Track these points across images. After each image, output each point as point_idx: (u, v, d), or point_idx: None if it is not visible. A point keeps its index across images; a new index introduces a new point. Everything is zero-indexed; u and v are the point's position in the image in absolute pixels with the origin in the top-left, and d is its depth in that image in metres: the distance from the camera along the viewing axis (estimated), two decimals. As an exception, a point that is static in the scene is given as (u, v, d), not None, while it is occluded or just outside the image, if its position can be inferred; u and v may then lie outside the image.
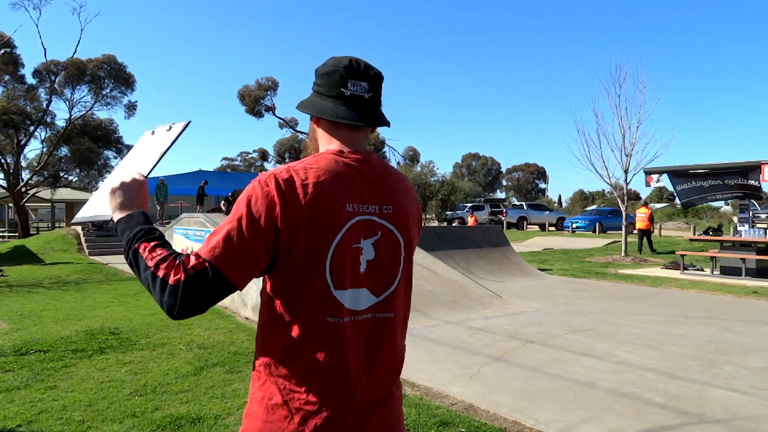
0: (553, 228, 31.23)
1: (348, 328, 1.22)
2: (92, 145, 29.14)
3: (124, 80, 29.89)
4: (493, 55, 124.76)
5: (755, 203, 13.11)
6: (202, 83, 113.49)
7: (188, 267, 1.11)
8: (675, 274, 12.29)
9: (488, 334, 6.41)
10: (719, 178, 13.23)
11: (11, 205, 31.00)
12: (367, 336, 1.25)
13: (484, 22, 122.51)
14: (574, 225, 28.13)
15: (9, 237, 27.73)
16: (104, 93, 29.44)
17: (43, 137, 29.57)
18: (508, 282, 11.05)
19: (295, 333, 1.19)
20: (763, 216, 26.04)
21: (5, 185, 28.13)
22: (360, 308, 1.24)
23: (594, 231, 26.90)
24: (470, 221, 25.33)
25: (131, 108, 30.80)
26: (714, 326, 6.99)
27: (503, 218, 30.88)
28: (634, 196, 41.90)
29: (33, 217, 36.03)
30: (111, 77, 29.39)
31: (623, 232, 16.73)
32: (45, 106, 28.44)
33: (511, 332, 6.53)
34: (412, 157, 47.23)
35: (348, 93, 1.27)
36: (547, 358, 5.39)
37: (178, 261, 1.13)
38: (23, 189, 28.32)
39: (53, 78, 28.45)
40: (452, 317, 7.30)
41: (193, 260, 1.12)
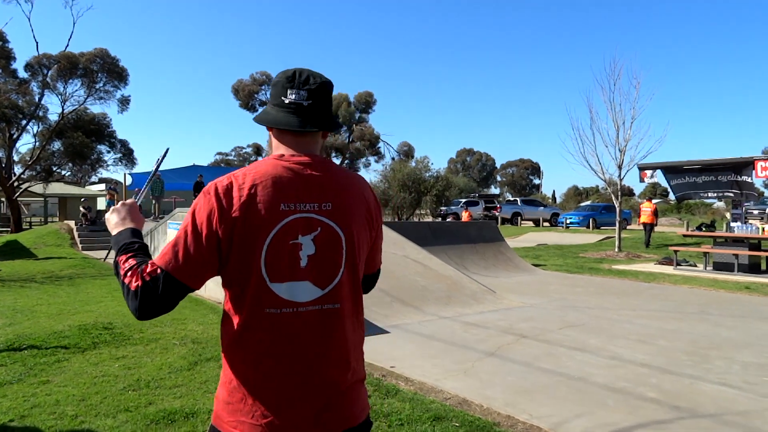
0: (548, 224, 31.26)
1: (289, 318, 1.32)
2: (85, 140, 28.91)
3: (117, 74, 29.63)
4: (488, 50, 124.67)
5: (748, 199, 13.14)
6: (196, 78, 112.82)
7: (145, 274, 1.27)
8: (668, 270, 12.36)
9: (482, 329, 6.43)
10: (713, 174, 13.29)
11: (3, 200, 30.77)
12: (318, 326, 1.35)
13: (479, 17, 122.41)
14: (568, 221, 28.21)
15: (1, 232, 27.49)
16: (97, 87, 29.13)
17: (36, 131, 29.33)
18: (502, 277, 11.08)
19: (243, 322, 1.32)
20: (756, 212, 26.21)
21: (-3, 180, 27.87)
22: (302, 300, 1.33)
23: (588, 227, 26.98)
24: (464, 216, 25.31)
25: (124, 102, 30.53)
26: (707, 321, 7.04)
27: (497, 214, 30.90)
28: (628, 192, 42.06)
29: (25, 212, 35.81)
30: (104, 71, 29.10)
31: (617, 228, 16.78)
32: (37, 100, 28.15)
33: (505, 327, 6.55)
34: (407, 153, 47.16)
35: (287, 101, 1.38)
36: (541, 353, 5.41)
37: (140, 269, 1.28)
38: (15, 183, 28.02)
39: (45, 72, 28.16)
40: (446, 312, 7.32)
41: (149, 268, 1.28)
